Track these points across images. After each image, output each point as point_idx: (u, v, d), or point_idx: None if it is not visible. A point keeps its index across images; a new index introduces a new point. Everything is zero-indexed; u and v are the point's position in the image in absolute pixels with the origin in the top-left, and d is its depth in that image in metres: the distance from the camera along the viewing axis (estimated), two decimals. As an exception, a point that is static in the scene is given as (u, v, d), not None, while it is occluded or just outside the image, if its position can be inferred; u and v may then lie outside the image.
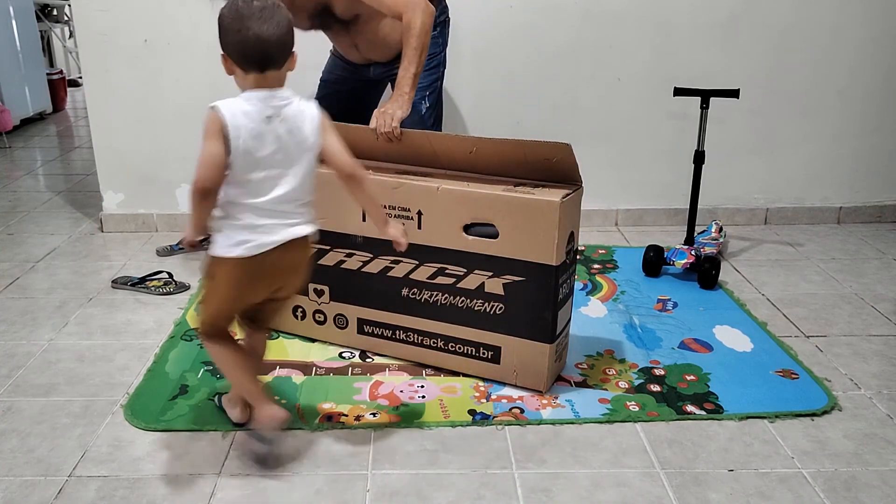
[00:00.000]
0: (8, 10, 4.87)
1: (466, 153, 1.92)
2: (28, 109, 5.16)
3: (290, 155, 1.48)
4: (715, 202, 3.18)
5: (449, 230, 1.86)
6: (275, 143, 1.45)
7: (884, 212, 3.26)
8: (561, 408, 1.83)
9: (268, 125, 1.44)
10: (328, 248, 2.02)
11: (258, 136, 1.43)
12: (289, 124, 1.46)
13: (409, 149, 2.00)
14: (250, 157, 1.43)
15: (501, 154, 1.88)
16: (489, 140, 1.88)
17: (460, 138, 1.94)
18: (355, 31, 2.31)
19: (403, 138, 1.98)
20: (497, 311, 1.87)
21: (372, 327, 2.05)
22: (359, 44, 2.36)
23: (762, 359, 2.08)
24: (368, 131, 2.01)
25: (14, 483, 1.56)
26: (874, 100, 3.12)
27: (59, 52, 6.85)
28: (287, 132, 1.46)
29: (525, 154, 1.85)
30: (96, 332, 2.22)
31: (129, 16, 2.85)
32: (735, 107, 2.86)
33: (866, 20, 3.00)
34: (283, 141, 1.46)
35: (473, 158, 1.92)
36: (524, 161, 1.87)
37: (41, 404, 1.84)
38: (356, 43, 2.36)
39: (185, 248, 1.73)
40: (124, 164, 3.04)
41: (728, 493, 1.54)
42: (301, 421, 1.77)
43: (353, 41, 2.35)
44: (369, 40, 2.33)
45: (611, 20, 2.95)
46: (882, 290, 2.56)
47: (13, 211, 3.37)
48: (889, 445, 1.70)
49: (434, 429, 1.75)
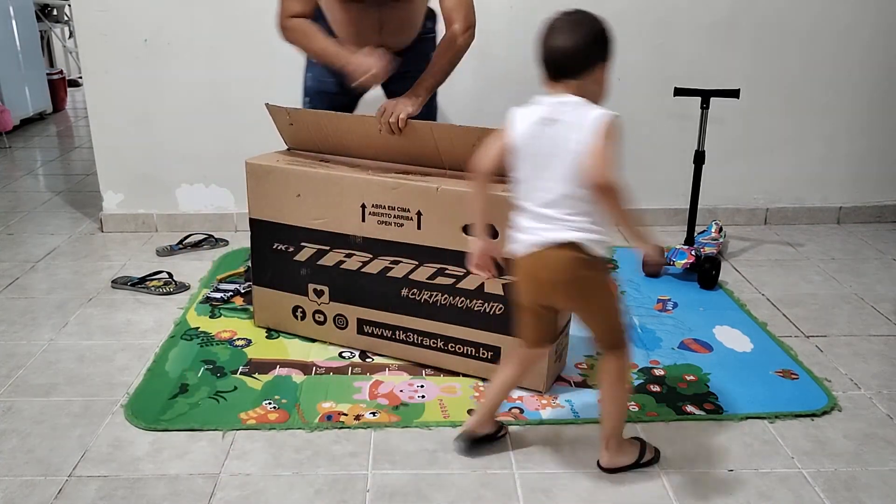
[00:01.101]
0: (8, 10, 4.87)
1: (469, 146, 1.91)
2: (28, 109, 5.17)
3: (554, 160, 1.42)
4: (715, 202, 3.18)
5: (449, 230, 1.86)
6: (544, 147, 1.43)
7: (884, 212, 3.26)
8: (561, 408, 1.83)
9: (542, 128, 1.43)
10: (328, 248, 2.02)
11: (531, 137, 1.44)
12: (563, 129, 1.41)
13: (409, 141, 1.99)
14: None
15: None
16: (493, 131, 1.87)
17: (464, 129, 1.92)
18: (393, 7, 2.12)
19: (406, 129, 1.97)
20: (497, 311, 1.87)
21: (372, 327, 2.05)
22: (386, 24, 2.14)
23: (762, 359, 2.08)
24: (370, 121, 2.00)
25: (14, 483, 1.56)
26: (874, 99, 3.12)
27: (59, 52, 6.86)
28: (560, 138, 1.41)
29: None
30: (96, 332, 2.22)
31: (129, 16, 2.86)
32: (735, 107, 2.85)
33: (866, 20, 3.00)
34: (551, 145, 1.42)
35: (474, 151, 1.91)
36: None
37: (41, 404, 1.84)
38: (384, 23, 2.14)
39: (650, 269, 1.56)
40: (124, 164, 3.04)
41: (728, 493, 1.54)
42: (301, 421, 1.77)
43: (382, 20, 2.13)
44: (401, 19, 2.16)
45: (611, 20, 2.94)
46: (882, 290, 2.56)
47: (13, 211, 3.37)
48: (889, 445, 1.70)
49: (434, 429, 1.75)
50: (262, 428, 1.74)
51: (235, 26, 2.90)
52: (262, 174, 2.05)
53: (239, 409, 1.81)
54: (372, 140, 2.04)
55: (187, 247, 2.90)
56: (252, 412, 1.80)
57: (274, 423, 1.75)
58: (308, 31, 2.09)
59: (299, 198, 2.01)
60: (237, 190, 3.04)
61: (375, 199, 1.92)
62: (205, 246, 2.92)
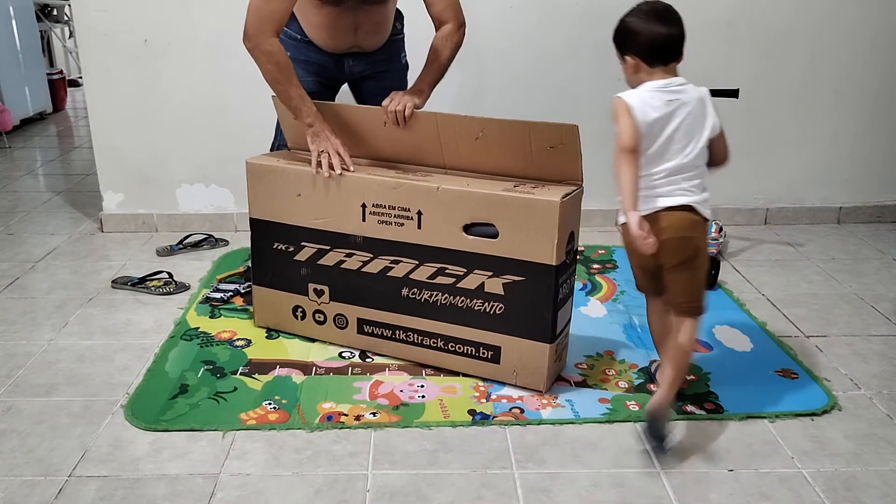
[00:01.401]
0: (8, 10, 4.87)
1: (472, 139, 1.93)
2: (28, 109, 5.16)
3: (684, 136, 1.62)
4: (715, 202, 3.13)
5: (449, 230, 1.86)
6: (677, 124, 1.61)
7: (884, 212, 3.26)
8: (561, 408, 1.83)
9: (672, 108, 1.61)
10: (328, 248, 2.02)
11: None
12: (689, 108, 1.62)
13: (412, 133, 2.01)
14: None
15: (505, 141, 1.90)
16: (497, 121, 1.89)
17: (469, 119, 1.93)
18: (368, 10, 2.13)
19: (410, 120, 1.99)
20: (497, 310, 1.87)
21: (372, 327, 2.05)
22: (361, 26, 2.15)
23: (762, 358, 2.08)
24: (376, 113, 2.02)
25: (14, 483, 1.56)
26: (874, 100, 3.12)
27: (59, 52, 6.85)
28: (689, 115, 1.62)
29: (530, 136, 1.86)
30: (96, 332, 2.22)
31: (129, 16, 2.85)
32: (735, 107, 2.85)
33: (865, 20, 3.00)
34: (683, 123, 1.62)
35: (476, 146, 1.93)
36: (528, 147, 1.87)
37: (41, 404, 1.84)
38: (359, 25, 2.15)
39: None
40: (124, 164, 3.04)
41: (728, 493, 1.54)
42: (301, 420, 1.77)
43: (357, 22, 2.14)
44: (376, 22, 2.18)
45: (611, 20, 2.94)
46: (882, 290, 2.56)
47: (13, 211, 3.37)
48: (889, 445, 1.70)
49: (434, 429, 1.75)
50: (262, 428, 1.74)
51: (235, 26, 2.89)
52: (262, 174, 2.05)
53: (239, 409, 1.81)
54: (377, 131, 2.04)
55: (187, 247, 2.90)
56: (252, 413, 1.80)
57: (274, 424, 1.75)
58: (288, 69, 1.98)
59: (299, 197, 2.01)
60: (237, 190, 3.04)
61: (376, 199, 1.92)
62: (205, 246, 2.92)
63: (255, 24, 1.95)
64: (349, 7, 2.09)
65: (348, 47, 2.19)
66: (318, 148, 1.98)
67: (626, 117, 1.58)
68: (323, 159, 1.96)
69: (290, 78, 1.99)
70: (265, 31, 1.95)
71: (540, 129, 1.85)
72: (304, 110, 2.01)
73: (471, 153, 1.96)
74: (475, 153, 1.95)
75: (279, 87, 2.00)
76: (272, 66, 1.96)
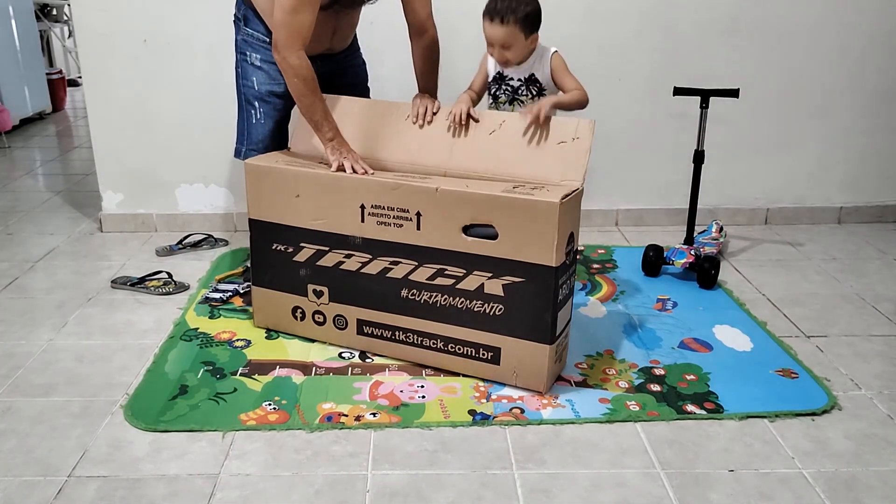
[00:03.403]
0: (8, 10, 4.87)
1: (487, 133, 2.02)
2: (27, 109, 5.16)
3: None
4: (715, 202, 3.18)
5: (448, 231, 1.86)
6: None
7: (885, 212, 3.26)
8: (561, 408, 1.83)
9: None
10: (327, 248, 2.02)
11: None
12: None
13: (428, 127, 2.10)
14: None
15: (518, 135, 1.98)
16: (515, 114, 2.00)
17: (489, 112, 2.07)
18: (345, 14, 2.19)
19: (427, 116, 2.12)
20: (497, 311, 1.87)
21: (371, 328, 2.05)
22: (338, 29, 2.21)
23: (762, 358, 2.08)
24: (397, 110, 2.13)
25: (14, 483, 1.56)
26: (874, 100, 3.11)
27: (58, 52, 6.85)
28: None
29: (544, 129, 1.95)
30: (96, 332, 2.22)
31: (128, 16, 2.85)
32: (735, 107, 2.85)
33: (865, 20, 3.00)
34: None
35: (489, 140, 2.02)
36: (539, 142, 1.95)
37: (40, 404, 1.84)
38: (336, 28, 2.20)
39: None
40: (124, 164, 3.04)
41: (728, 493, 1.54)
42: (301, 421, 1.76)
43: (336, 26, 2.19)
44: (349, 25, 2.26)
45: (611, 20, 2.95)
46: (883, 289, 2.55)
47: (13, 211, 3.36)
48: (889, 446, 1.70)
49: (434, 429, 1.75)
50: (261, 429, 1.74)
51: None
52: (261, 174, 2.05)
53: (239, 410, 1.81)
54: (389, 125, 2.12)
55: (187, 247, 2.90)
56: (252, 413, 1.79)
57: (274, 424, 1.75)
58: (313, 83, 2.02)
59: (299, 198, 2.01)
60: (237, 190, 3.04)
61: (375, 200, 1.92)
62: (204, 246, 2.92)
63: (284, 37, 1.98)
64: (331, 12, 2.13)
65: (323, 50, 2.23)
66: (337, 161, 2.00)
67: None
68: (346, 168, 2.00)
69: (315, 91, 2.03)
70: (293, 45, 1.98)
71: (556, 124, 1.92)
72: (326, 126, 2.05)
73: (479, 149, 2.01)
74: (484, 148, 2.01)
75: (303, 101, 2.04)
76: (298, 81, 2.01)
